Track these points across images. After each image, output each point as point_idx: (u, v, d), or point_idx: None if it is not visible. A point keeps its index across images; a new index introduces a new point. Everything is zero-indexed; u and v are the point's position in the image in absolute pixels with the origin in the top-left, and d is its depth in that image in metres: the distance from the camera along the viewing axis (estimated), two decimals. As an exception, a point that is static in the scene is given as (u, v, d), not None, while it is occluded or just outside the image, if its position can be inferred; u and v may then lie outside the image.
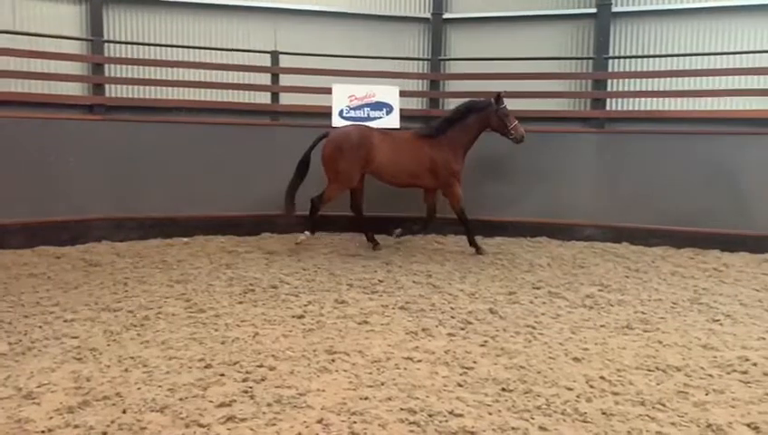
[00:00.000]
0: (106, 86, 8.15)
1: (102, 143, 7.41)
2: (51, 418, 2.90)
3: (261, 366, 3.56)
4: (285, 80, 8.52)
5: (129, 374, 3.42)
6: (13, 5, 7.77)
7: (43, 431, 2.78)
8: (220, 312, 4.63)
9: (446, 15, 9.23)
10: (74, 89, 8.08)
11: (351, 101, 7.94)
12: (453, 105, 8.19)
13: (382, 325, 4.39)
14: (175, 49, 8.50)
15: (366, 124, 7.42)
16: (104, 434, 2.77)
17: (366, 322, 4.46)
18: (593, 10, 8.64)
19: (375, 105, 8.01)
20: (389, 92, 8.05)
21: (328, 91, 7.93)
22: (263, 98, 8.64)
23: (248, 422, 2.89)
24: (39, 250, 6.70)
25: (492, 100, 6.99)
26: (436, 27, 9.18)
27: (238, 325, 4.32)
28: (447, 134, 7.01)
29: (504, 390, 3.30)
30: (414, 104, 9.13)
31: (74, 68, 8.11)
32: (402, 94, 8.17)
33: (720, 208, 7.47)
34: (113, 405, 3.03)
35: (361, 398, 3.17)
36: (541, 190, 8.09)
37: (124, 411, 2.96)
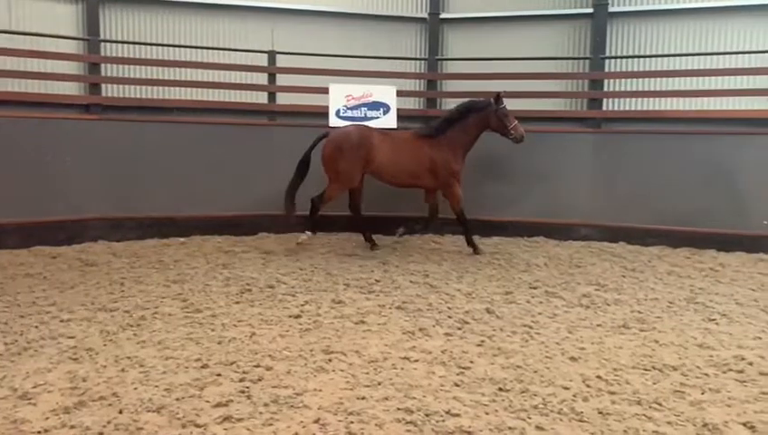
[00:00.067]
0: (102, 86, 8.14)
1: (99, 143, 7.40)
2: (47, 418, 2.90)
3: (258, 366, 3.55)
4: (282, 79, 8.51)
5: (125, 374, 3.42)
6: (9, 5, 7.75)
7: (39, 432, 2.77)
8: (217, 312, 4.62)
9: (443, 15, 9.23)
10: (71, 88, 8.06)
11: (349, 101, 7.94)
12: (450, 105, 8.21)
13: (379, 325, 4.39)
14: (172, 48, 8.49)
15: (366, 124, 7.42)
16: (100, 434, 2.77)
17: (363, 322, 4.46)
18: (590, 10, 8.65)
19: (372, 105, 8.00)
20: (387, 92, 8.04)
21: (325, 90, 7.92)
22: (260, 98, 8.64)
23: (245, 422, 2.89)
24: (35, 250, 6.69)
25: (491, 100, 6.99)
26: (433, 27, 9.19)
27: (235, 325, 4.32)
28: (447, 134, 7.00)
29: (501, 389, 3.30)
30: (411, 104, 9.13)
31: (71, 67, 8.09)
32: (399, 94, 8.16)
33: (716, 208, 7.49)
34: (109, 405, 3.03)
35: (358, 398, 3.17)
36: (538, 190, 8.10)
37: (120, 412, 2.96)
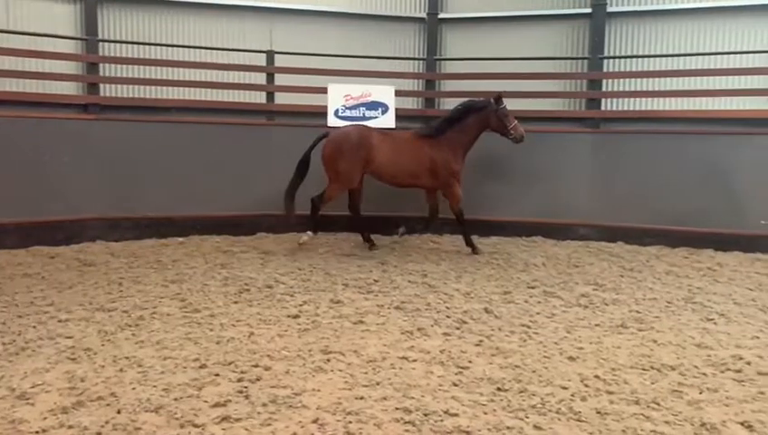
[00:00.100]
0: (101, 85, 8.13)
1: (97, 143, 7.39)
2: (45, 418, 2.90)
3: (256, 366, 3.55)
4: (281, 79, 8.51)
5: (123, 374, 3.41)
6: (7, 4, 7.75)
7: (37, 432, 2.77)
8: (215, 312, 4.62)
9: (442, 15, 9.24)
10: (69, 88, 8.06)
11: (347, 101, 7.94)
12: (449, 105, 8.21)
13: (378, 325, 4.39)
14: (170, 48, 8.49)
15: (365, 124, 7.41)
16: (98, 434, 2.76)
17: (361, 321, 4.46)
18: (588, 10, 8.67)
19: (371, 105, 8.00)
20: (385, 92, 8.05)
21: (323, 90, 7.92)
22: (258, 98, 8.63)
23: (243, 422, 2.89)
24: (33, 250, 6.68)
25: (491, 99, 6.99)
26: (431, 27, 9.19)
27: (233, 325, 4.32)
28: (447, 134, 7.00)
29: (500, 389, 3.31)
30: (410, 104, 9.14)
31: (69, 67, 8.09)
32: (398, 94, 8.16)
33: (714, 208, 7.50)
34: (108, 405, 3.03)
35: (357, 398, 3.17)
36: (536, 190, 8.10)
37: (119, 412, 2.96)
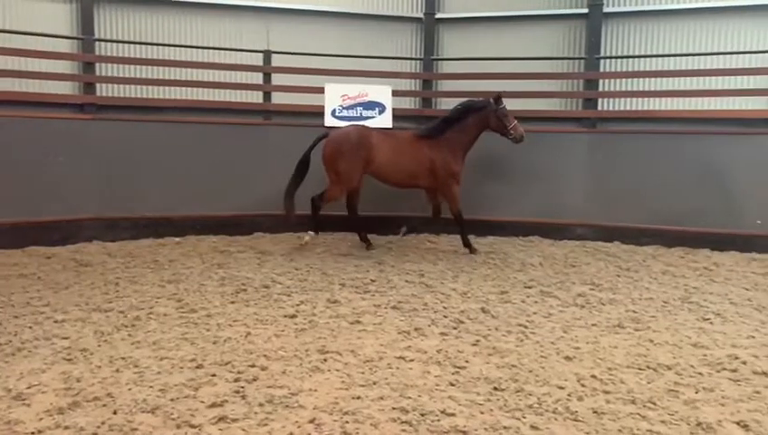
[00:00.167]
0: (97, 85, 8.11)
1: (93, 142, 7.36)
2: (41, 419, 2.89)
3: (253, 366, 3.55)
4: (278, 79, 8.50)
5: (119, 375, 3.41)
6: (3, 4, 7.73)
7: (33, 433, 2.76)
8: (212, 312, 4.61)
9: (439, 15, 9.24)
10: (65, 88, 8.03)
11: (344, 101, 7.93)
12: (446, 105, 8.21)
13: (374, 325, 4.39)
14: (167, 48, 8.46)
15: (365, 124, 7.40)
16: (95, 435, 2.76)
17: (358, 321, 4.46)
18: (585, 10, 8.68)
19: (367, 105, 7.99)
20: (382, 92, 8.04)
21: (320, 90, 7.91)
22: (255, 97, 8.62)
23: (240, 423, 2.89)
24: (29, 250, 6.65)
25: (490, 99, 6.99)
26: (428, 27, 9.19)
27: (230, 325, 4.31)
28: (447, 135, 6.99)
29: (496, 389, 3.31)
30: (407, 104, 9.14)
31: (65, 67, 8.06)
32: (395, 94, 8.16)
33: (710, 208, 7.52)
34: (104, 406, 3.02)
35: (354, 397, 3.17)
36: (532, 190, 8.11)
37: (115, 412, 2.95)
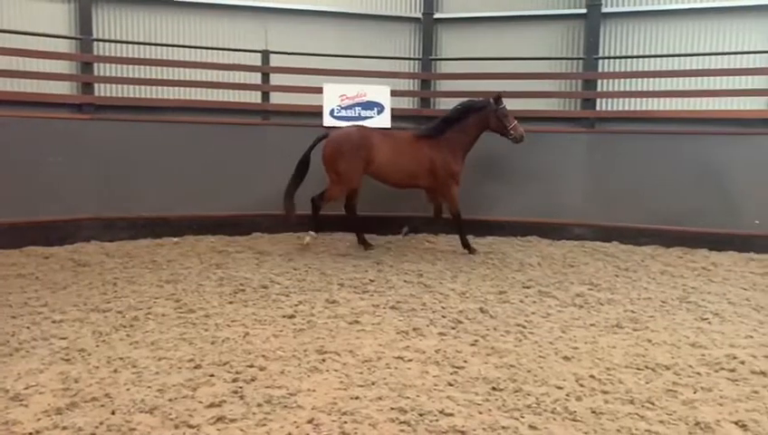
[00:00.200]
0: (95, 85, 8.09)
1: (91, 143, 7.36)
2: (39, 419, 2.88)
3: (251, 366, 3.55)
4: (276, 79, 8.49)
5: (118, 375, 3.40)
6: (1, 4, 7.70)
7: (31, 433, 2.76)
8: (210, 312, 4.61)
9: (437, 15, 9.24)
10: (63, 88, 8.02)
11: (342, 101, 7.92)
12: (444, 105, 8.20)
13: (373, 325, 4.39)
14: (165, 48, 8.45)
15: (365, 124, 7.40)
16: (93, 435, 2.76)
17: (357, 321, 4.46)
18: (583, 11, 8.68)
19: (366, 105, 7.99)
20: (381, 92, 8.03)
21: (319, 90, 7.91)
22: (253, 97, 8.61)
23: (238, 423, 2.89)
24: (27, 250, 6.65)
25: (490, 99, 6.99)
26: (427, 27, 9.19)
27: (228, 325, 4.31)
28: (447, 135, 6.99)
29: (495, 389, 3.31)
30: (405, 104, 9.13)
31: (63, 67, 8.04)
32: (393, 94, 8.16)
33: (708, 208, 7.53)
34: (102, 406, 3.01)
35: (352, 398, 3.17)
36: (531, 190, 8.11)
37: (113, 413, 2.95)
